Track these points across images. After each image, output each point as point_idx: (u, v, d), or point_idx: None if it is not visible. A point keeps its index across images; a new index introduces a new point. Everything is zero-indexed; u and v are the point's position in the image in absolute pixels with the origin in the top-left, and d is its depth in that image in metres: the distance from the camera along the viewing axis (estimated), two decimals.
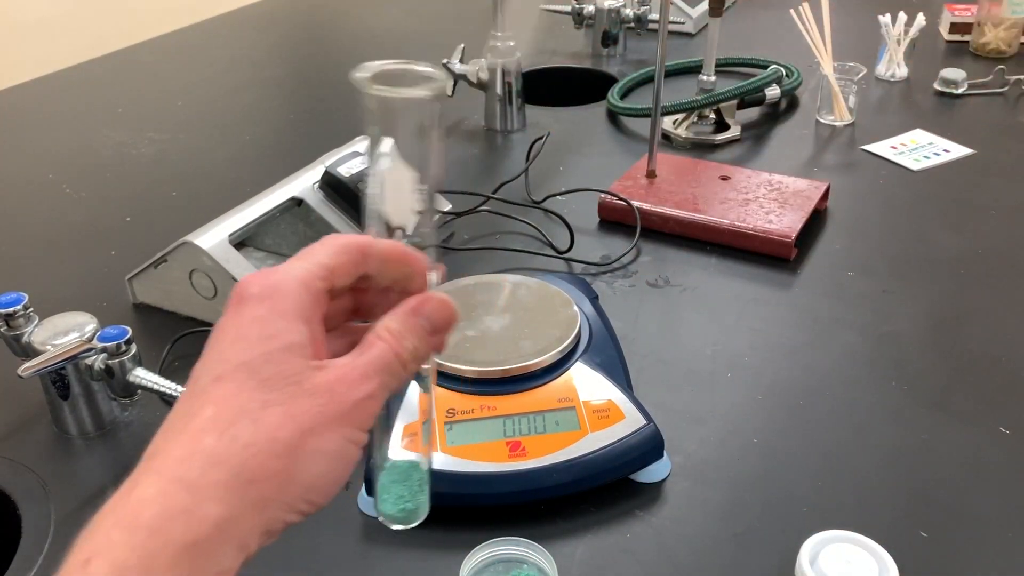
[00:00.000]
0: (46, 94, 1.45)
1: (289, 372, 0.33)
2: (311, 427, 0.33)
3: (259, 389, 0.33)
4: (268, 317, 0.34)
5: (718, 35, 1.19)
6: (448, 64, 1.27)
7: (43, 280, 0.93)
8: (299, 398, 0.33)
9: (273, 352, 0.34)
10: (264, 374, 0.33)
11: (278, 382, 0.33)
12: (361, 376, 0.35)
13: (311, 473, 0.33)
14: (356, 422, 0.35)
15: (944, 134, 1.20)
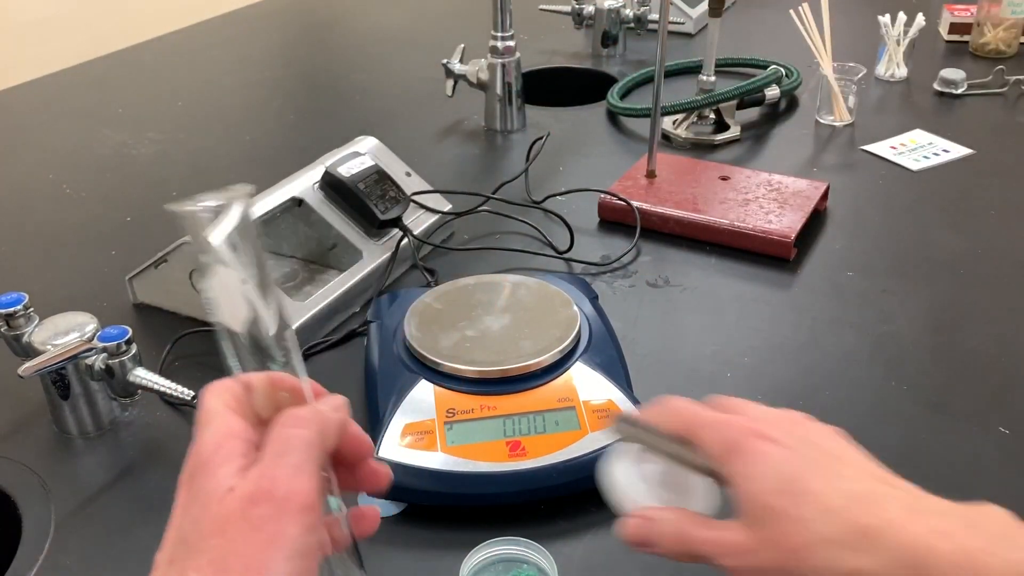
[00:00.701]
0: (46, 94, 1.45)
1: (208, 524, 0.34)
2: (243, 570, 0.33)
3: (188, 555, 0.34)
4: (197, 483, 0.36)
5: (718, 35, 1.19)
6: (448, 65, 1.27)
7: (43, 280, 0.93)
8: (223, 548, 0.34)
9: (197, 512, 0.35)
10: (194, 539, 0.34)
11: (203, 541, 0.34)
12: (269, 485, 0.34)
13: None
14: (291, 530, 0.34)
15: (944, 134, 1.20)
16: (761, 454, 0.40)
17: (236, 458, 0.35)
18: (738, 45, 1.48)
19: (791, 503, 0.38)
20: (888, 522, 0.36)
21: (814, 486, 0.38)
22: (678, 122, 1.23)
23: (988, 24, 1.46)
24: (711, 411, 0.43)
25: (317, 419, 0.37)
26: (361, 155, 0.94)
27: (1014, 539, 0.35)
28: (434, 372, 0.68)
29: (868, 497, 0.38)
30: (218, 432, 0.36)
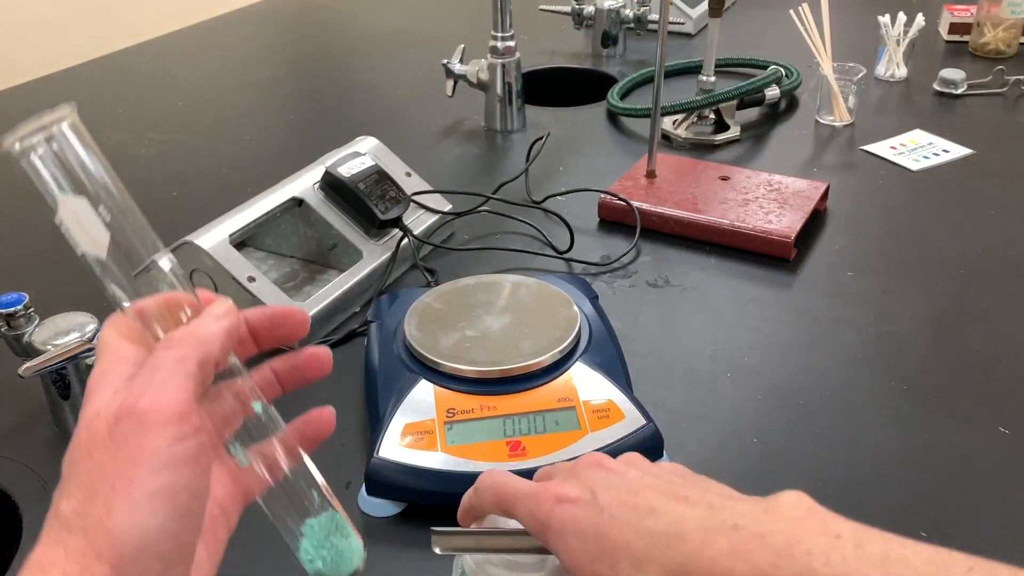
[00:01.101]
0: (46, 94, 1.45)
1: (83, 447, 0.34)
2: (110, 491, 0.33)
3: (69, 482, 0.34)
4: (91, 395, 0.36)
5: (718, 35, 1.20)
6: (448, 65, 1.27)
7: (43, 280, 0.93)
8: (90, 471, 0.33)
9: (79, 429, 0.35)
10: (71, 462, 0.34)
11: (78, 464, 0.34)
12: (133, 402, 0.34)
13: (136, 535, 0.33)
14: (158, 444, 0.34)
15: (943, 134, 1.20)
16: (567, 522, 0.39)
17: (116, 382, 0.35)
18: (738, 45, 1.48)
19: (608, 566, 0.38)
20: (691, 554, 0.36)
21: (620, 538, 0.38)
22: (678, 122, 1.23)
23: (988, 24, 1.46)
24: (523, 483, 0.42)
25: (188, 337, 0.36)
26: (361, 155, 0.94)
27: (800, 543, 0.34)
28: (434, 372, 0.68)
29: (668, 532, 0.37)
30: (105, 361, 0.36)
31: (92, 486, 0.33)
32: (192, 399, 0.34)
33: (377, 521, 0.64)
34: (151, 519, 0.32)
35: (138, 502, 0.32)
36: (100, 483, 0.32)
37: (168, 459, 0.33)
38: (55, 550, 0.32)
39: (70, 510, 0.33)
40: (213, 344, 0.36)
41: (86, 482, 0.33)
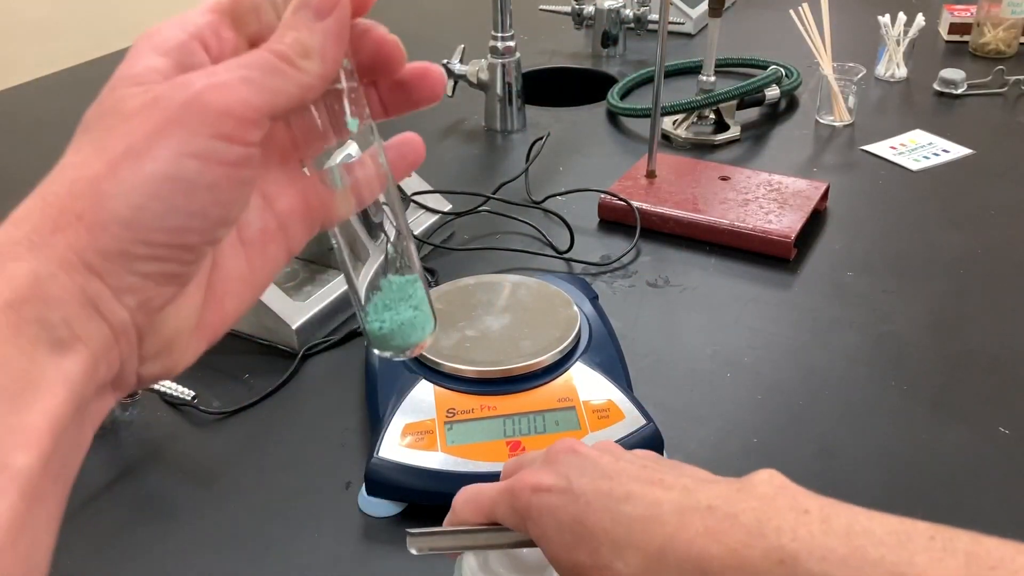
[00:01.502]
0: (46, 94, 1.45)
1: (109, 104, 0.28)
2: (124, 150, 0.27)
3: (79, 136, 0.29)
4: (120, 68, 0.29)
5: (718, 35, 1.20)
6: (448, 65, 1.27)
7: None
8: (112, 125, 0.28)
9: (103, 96, 0.29)
10: (87, 121, 0.29)
11: (96, 120, 0.29)
12: (208, 72, 0.28)
13: (129, 207, 0.27)
14: (195, 127, 0.27)
15: (943, 134, 1.20)
16: (544, 511, 0.39)
17: (183, 55, 0.29)
18: (738, 45, 1.48)
19: (587, 553, 0.37)
20: (668, 537, 0.35)
21: (597, 525, 0.37)
22: (678, 122, 1.23)
23: (988, 24, 1.46)
24: (495, 486, 0.42)
25: (295, 58, 0.30)
26: None
27: (770, 521, 0.34)
28: (434, 372, 0.68)
29: (645, 516, 0.37)
30: (171, 22, 0.30)
31: (104, 143, 0.28)
32: (265, 116, 0.29)
33: (377, 521, 0.64)
34: (151, 201, 0.27)
35: (147, 176, 0.27)
36: (115, 143, 0.27)
37: (206, 150, 0.28)
38: (33, 202, 0.27)
39: (66, 162, 0.28)
40: (316, 67, 0.30)
41: (100, 137, 0.28)
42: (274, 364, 0.79)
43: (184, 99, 0.27)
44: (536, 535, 0.39)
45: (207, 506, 0.66)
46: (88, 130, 0.29)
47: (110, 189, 0.27)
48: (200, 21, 0.31)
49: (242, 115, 0.28)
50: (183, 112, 0.27)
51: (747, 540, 0.34)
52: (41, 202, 0.27)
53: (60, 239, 0.26)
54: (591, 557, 0.37)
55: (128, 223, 0.27)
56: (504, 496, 0.41)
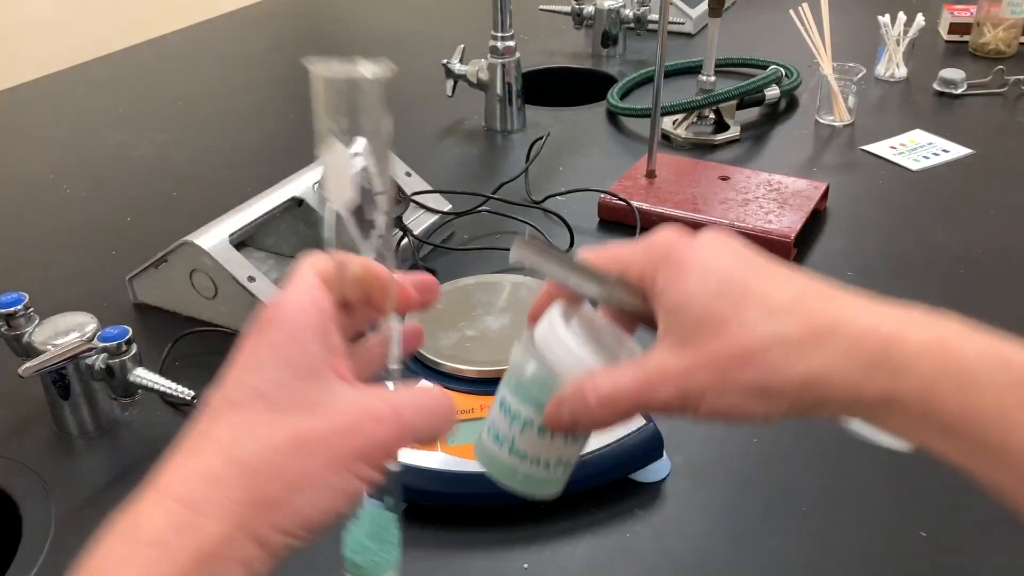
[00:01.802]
0: (46, 94, 1.45)
1: (302, 399, 0.33)
2: (325, 461, 0.32)
3: (271, 415, 0.32)
4: (280, 341, 0.34)
5: (718, 35, 1.19)
6: (448, 64, 1.27)
7: (43, 280, 0.93)
8: (313, 428, 0.32)
9: (286, 379, 0.33)
10: (279, 402, 0.33)
11: (291, 407, 0.33)
12: (388, 418, 0.34)
13: (309, 503, 0.32)
14: (368, 456, 0.33)
15: (943, 134, 1.20)
16: (692, 260, 0.36)
17: (327, 336, 0.34)
18: (738, 45, 1.48)
19: (730, 306, 0.34)
20: (844, 318, 0.33)
21: (755, 287, 0.34)
22: (678, 122, 1.23)
23: (988, 24, 1.46)
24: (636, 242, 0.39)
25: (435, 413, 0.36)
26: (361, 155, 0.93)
27: (982, 329, 0.33)
28: (434, 372, 0.68)
29: (818, 294, 0.34)
30: (306, 296, 0.35)
31: (303, 439, 0.32)
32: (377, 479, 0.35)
33: None
34: (335, 504, 0.33)
35: (346, 491, 0.33)
36: (318, 448, 0.32)
37: (371, 477, 0.34)
38: (229, 468, 0.32)
39: (263, 437, 0.32)
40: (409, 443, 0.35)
41: (297, 423, 0.32)
42: None
43: (366, 442, 0.33)
44: (667, 280, 0.36)
45: None
46: (279, 413, 0.33)
47: (308, 486, 0.32)
48: (328, 301, 0.35)
49: (385, 456, 0.34)
50: (362, 450, 0.33)
51: (962, 333, 0.33)
52: (240, 471, 0.32)
53: (251, 511, 0.31)
54: (734, 311, 0.34)
55: (309, 515, 0.32)
56: (641, 246, 0.38)
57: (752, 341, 0.33)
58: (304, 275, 0.36)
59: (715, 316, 0.34)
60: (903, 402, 0.32)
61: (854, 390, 0.32)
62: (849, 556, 0.60)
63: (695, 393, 0.35)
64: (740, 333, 0.34)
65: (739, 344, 0.34)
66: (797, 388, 0.33)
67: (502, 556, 0.60)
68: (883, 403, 0.32)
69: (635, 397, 0.36)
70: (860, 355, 0.32)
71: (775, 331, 0.33)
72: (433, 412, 0.35)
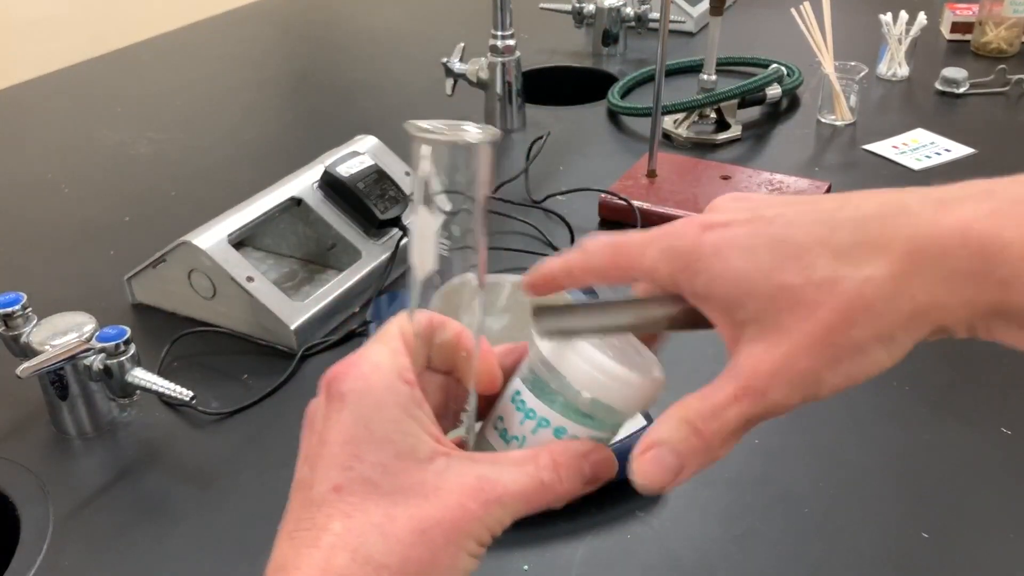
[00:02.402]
0: (45, 93, 1.45)
1: (409, 483, 0.32)
2: (444, 543, 0.31)
3: (384, 502, 0.31)
4: (375, 419, 0.32)
5: (719, 34, 1.19)
6: (448, 64, 1.27)
7: (41, 280, 0.93)
8: (429, 512, 0.31)
9: (391, 463, 0.32)
10: (386, 487, 0.32)
11: (402, 495, 0.32)
12: (497, 497, 0.32)
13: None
14: (485, 538, 0.32)
15: (945, 133, 1.20)
16: (721, 244, 0.30)
17: (419, 407, 0.33)
18: (739, 44, 1.48)
19: (795, 269, 0.29)
20: (927, 226, 0.28)
21: (809, 238, 0.29)
22: (679, 121, 1.22)
23: (990, 23, 1.46)
24: (643, 232, 0.33)
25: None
26: (360, 154, 0.93)
27: None
28: None
29: (879, 212, 0.29)
30: (390, 364, 0.33)
31: (411, 522, 0.31)
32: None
33: None
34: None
35: (458, 566, 0.32)
36: (435, 534, 0.31)
37: (476, 552, 0.33)
38: (351, 562, 0.31)
39: (378, 527, 0.31)
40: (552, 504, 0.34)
41: (406, 510, 0.31)
42: (273, 364, 0.79)
43: (487, 518, 0.32)
44: (711, 274, 0.30)
45: (205, 507, 0.65)
46: (391, 501, 0.31)
47: (433, 572, 0.31)
48: (410, 370, 0.34)
49: (499, 531, 0.33)
50: (482, 527, 0.32)
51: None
52: (369, 568, 0.30)
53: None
54: (804, 274, 0.29)
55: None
56: (660, 240, 0.32)
57: (840, 296, 0.28)
58: (388, 338, 0.34)
59: (785, 287, 0.29)
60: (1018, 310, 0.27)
61: (966, 310, 0.28)
62: (850, 557, 0.60)
63: (810, 378, 0.30)
64: (821, 293, 0.28)
65: (828, 306, 0.29)
66: (910, 324, 0.29)
67: (502, 556, 0.60)
68: (995, 314, 0.28)
69: (745, 413, 0.31)
70: (962, 272, 0.27)
71: (856, 274, 0.28)
72: (550, 469, 0.34)
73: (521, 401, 0.36)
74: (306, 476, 0.33)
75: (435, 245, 0.35)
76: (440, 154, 0.33)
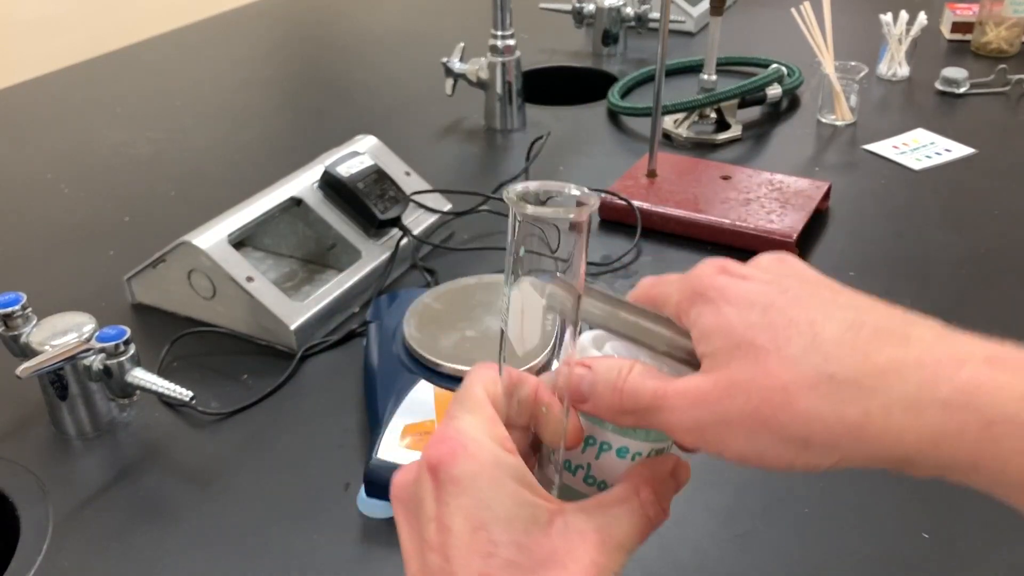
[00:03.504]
0: (45, 93, 1.45)
1: (545, 554, 0.32)
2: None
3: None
4: (496, 498, 0.32)
5: (719, 34, 1.19)
6: (448, 63, 1.27)
7: (41, 280, 0.93)
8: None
9: (523, 539, 0.32)
10: (527, 564, 0.31)
11: (543, 568, 0.32)
12: (618, 544, 0.33)
13: None
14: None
15: (945, 133, 1.20)
16: (730, 292, 0.32)
17: (524, 472, 0.33)
18: (739, 44, 1.48)
19: (769, 336, 0.30)
20: (913, 355, 0.28)
21: (803, 315, 0.30)
22: (679, 121, 1.22)
23: (990, 23, 1.46)
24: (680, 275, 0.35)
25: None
26: (360, 154, 0.93)
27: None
28: (434, 372, 0.67)
29: (879, 326, 0.29)
30: (491, 437, 0.33)
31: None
32: None
33: (376, 523, 0.63)
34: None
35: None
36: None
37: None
38: None
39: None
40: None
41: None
42: (273, 365, 0.79)
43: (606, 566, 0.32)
44: (700, 312, 0.32)
45: (205, 507, 0.65)
46: (522, 568, 0.31)
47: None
48: (504, 435, 0.34)
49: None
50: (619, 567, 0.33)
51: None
52: None
53: None
54: (774, 341, 0.30)
55: None
56: (684, 275, 0.34)
57: (793, 376, 0.29)
58: (477, 405, 0.34)
59: (753, 344, 0.30)
60: (1002, 465, 0.28)
61: (928, 445, 0.28)
62: (850, 557, 0.60)
63: (720, 426, 0.31)
64: (779, 366, 0.29)
65: (777, 378, 0.29)
66: (849, 440, 0.28)
67: None
68: (971, 465, 0.28)
69: (650, 404, 0.33)
70: (933, 401, 0.27)
71: (821, 366, 0.28)
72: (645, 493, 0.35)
73: None
74: (439, 567, 0.31)
75: (537, 324, 0.35)
76: (538, 225, 0.33)
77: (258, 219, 0.86)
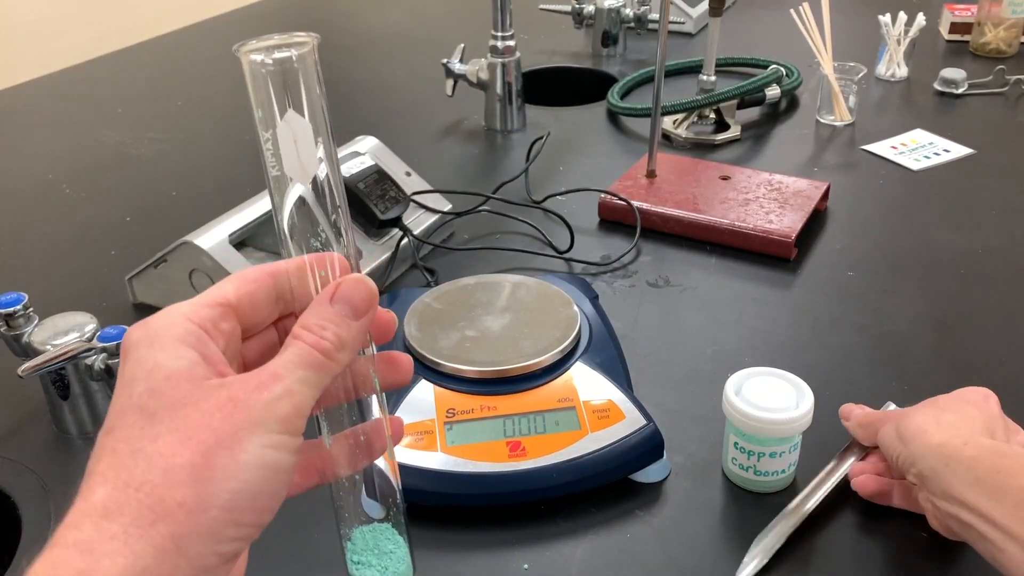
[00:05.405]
0: (46, 94, 1.45)
1: (177, 397, 0.31)
2: (215, 442, 0.30)
3: (149, 424, 0.31)
4: (148, 354, 0.32)
5: (718, 35, 1.19)
6: (448, 64, 1.27)
7: (43, 280, 0.93)
8: (194, 418, 0.31)
9: (156, 385, 0.31)
10: (151, 408, 0.31)
11: (167, 411, 0.31)
12: (271, 376, 0.32)
13: (228, 492, 0.30)
14: (272, 425, 0.32)
15: (944, 134, 1.20)
16: (901, 413, 0.56)
17: (202, 345, 0.33)
18: (738, 45, 1.48)
19: (918, 437, 0.55)
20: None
21: (942, 438, 0.53)
22: (678, 122, 1.23)
23: (989, 24, 1.46)
24: (891, 412, 0.60)
25: (330, 346, 0.34)
26: (361, 155, 0.94)
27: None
28: (434, 372, 0.68)
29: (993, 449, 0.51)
30: (175, 311, 0.34)
31: (187, 433, 0.30)
32: (307, 411, 0.33)
33: None
34: (246, 485, 0.31)
35: (241, 464, 0.30)
36: (202, 434, 0.30)
37: (277, 441, 0.32)
38: (119, 492, 0.30)
39: (148, 450, 0.30)
40: (347, 357, 0.35)
41: (177, 428, 0.30)
42: None
43: (263, 403, 0.32)
44: (896, 442, 0.56)
45: None
46: (156, 419, 0.31)
47: (209, 476, 0.30)
48: (204, 314, 0.34)
49: (303, 412, 0.33)
50: (263, 413, 0.32)
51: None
52: (134, 493, 0.30)
53: (160, 528, 0.29)
54: (906, 438, 0.55)
55: (226, 506, 0.30)
56: (893, 421, 0.58)
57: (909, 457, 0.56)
58: (204, 293, 0.35)
59: (929, 462, 0.54)
60: None
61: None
62: (850, 557, 0.60)
63: (904, 465, 0.56)
64: (901, 445, 0.57)
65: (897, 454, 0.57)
66: None
67: (502, 556, 0.60)
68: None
69: (864, 420, 0.63)
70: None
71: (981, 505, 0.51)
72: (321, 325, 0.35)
73: (739, 446, 0.62)
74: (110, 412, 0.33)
75: (311, 150, 0.37)
76: (267, 74, 0.35)
77: (259, 219, 0.86)
